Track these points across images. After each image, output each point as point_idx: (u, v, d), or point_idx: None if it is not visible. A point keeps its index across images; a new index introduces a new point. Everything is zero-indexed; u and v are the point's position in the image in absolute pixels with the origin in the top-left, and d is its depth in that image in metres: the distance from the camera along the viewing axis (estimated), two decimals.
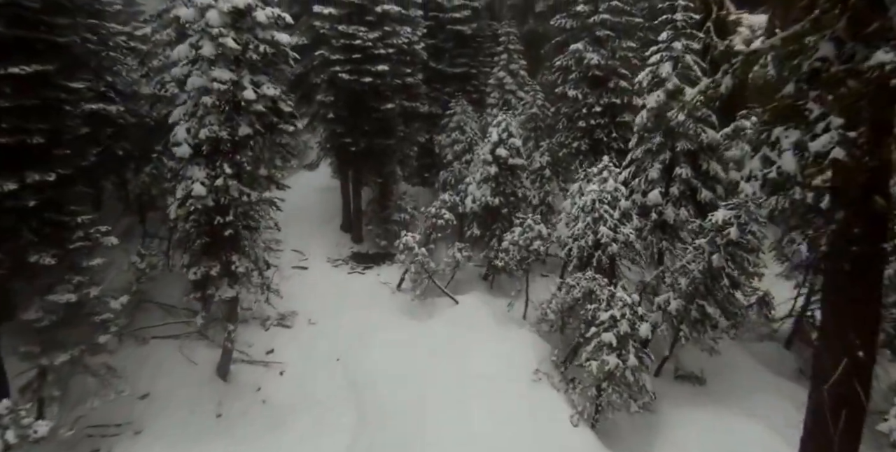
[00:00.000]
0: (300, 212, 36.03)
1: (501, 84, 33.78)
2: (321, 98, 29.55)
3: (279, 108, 17.00)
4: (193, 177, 16.44)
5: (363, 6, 28.72)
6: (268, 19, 16.20)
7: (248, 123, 16.58)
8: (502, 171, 24.86)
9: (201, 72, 16.20)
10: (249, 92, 16.09)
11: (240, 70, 16.42)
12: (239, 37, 16.04)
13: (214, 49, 15.65)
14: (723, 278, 16.49)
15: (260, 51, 16.23)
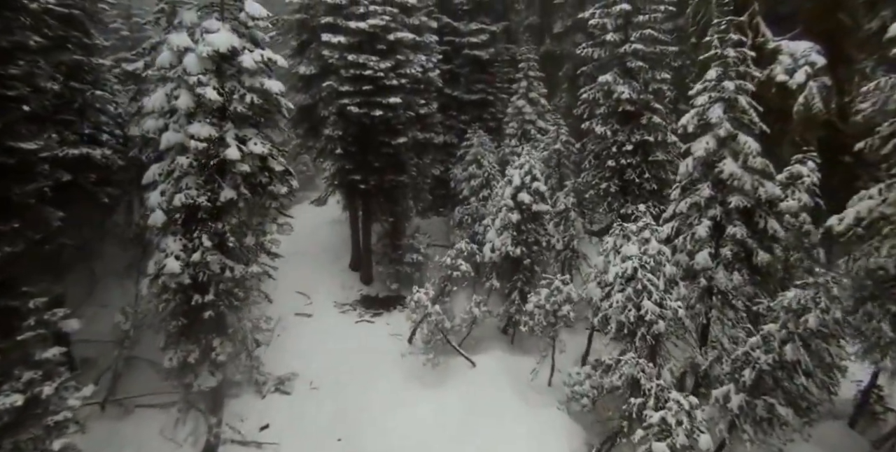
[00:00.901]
0: (307, 248, 33.13)
1: (520, 113, 30.68)
2: (329, 132, 26.62)
3: (270, 167, 14.05)
4: (167, 250, 13.51)
5: (374, 34, 25.80)
6: (256, 64, 13.27)
7: (232, 186, 13.64)
8: (525, 219, 21.75)
9: (178, 125, 13.30)
10: (233, 150, 13.14)
11: (223, 123, 13.49)
12: (222, 85, 13.11)
13: (192, 100, 12.75)
14: (798, 374, 13.30)
15: (247, 101, 13.30)
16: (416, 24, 29.58)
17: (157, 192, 13.47)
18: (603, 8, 23.75)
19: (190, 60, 12.66)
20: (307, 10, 27.61)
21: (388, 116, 26.16)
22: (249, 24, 13.62)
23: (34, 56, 19.09)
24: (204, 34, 12.93)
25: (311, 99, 28.03)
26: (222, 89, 13.10)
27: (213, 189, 13.38)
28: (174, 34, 13.04)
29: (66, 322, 13.72)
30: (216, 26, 13.04)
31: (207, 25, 13.09)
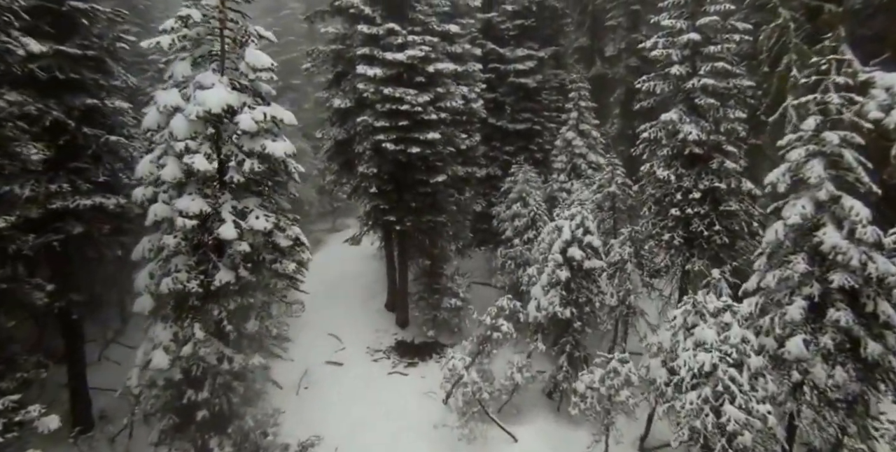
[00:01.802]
0: (341, 284, 30.75)
1: (570, 146, 27.54)
2: (363, 169, 24.11)
3: (275, 243, 11.51)
4: (155, 340, 11.10)
5: (413, 66, 23.23)
6: (257, 125, 10.77)
7: (229, 266, 11.16)
8: (575, 276, 18.67)
9: (168, 196, 10.91)
10: (229, 228, 10.66)
11: (218, 194, 11.04)
12: (217, 150, 10.65)
13: (180, 170, 10.33)
14: None
15: (245, 169, 10.80)
16: (459, 52, 26.90)
17: (144, 273, 11.15)
18: (667, 36, 20.47)
19: (178, 123, 10.33)
20: (344, 40, 25.27)
21: (426, 153, 23.52)
22: (251, 76, 11.19)
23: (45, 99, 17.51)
24: (197, 90, 10.58)
25: (346, 133, 25.61)
26: (217, 155, 10.69)
27: (206, 270, 10.96)
28: (162, 91, 10.75)
29: (47, 419, 11.40)
30: (211, 80, 10.67)
31: (201, 79, 10.75)
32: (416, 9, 23.93)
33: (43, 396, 18.67)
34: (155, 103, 10.84)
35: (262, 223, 11.07)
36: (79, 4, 17.09)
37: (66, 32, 17.73)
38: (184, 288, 10.70)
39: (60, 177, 17.62)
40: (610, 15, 39.27)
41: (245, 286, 11.51)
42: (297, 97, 43.40)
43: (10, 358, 11.60)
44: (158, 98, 10.80)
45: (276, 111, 11.26)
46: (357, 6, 23.71)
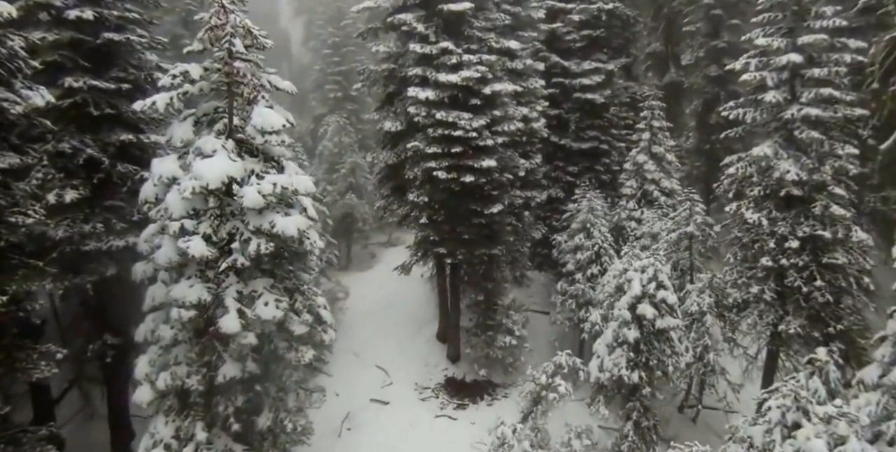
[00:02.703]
0: (390, 310, 28.99)
1: (640, 170, 24.58)
2: (413, 198, 22.11)
3: (288, 330, 9.66)
4: (156, 436, 9.51)
5: (468, 87, 20.98)
6: (263, 200, 8.91)
7: (236, 358, 9.39)
8: (646, 336, 16.02)
9: (168, 277, 9.23)
10: (231, 320, 8.91)
11: (221, 277, 9.28)
12: (218, 228, 8.85)
13: (176, 253, 8.61)
14: None
15: (251, 251, 8.97)
16: (520, 68, 24.48)
17: (144, 361, 9.59)
18: (760, 56, 17.30)
19: (172, 200, 8.68)
20: (396, 59, 23.29)
21: (481, 182, 21.28)
22: (258, 140, 9.36)
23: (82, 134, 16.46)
24: (197, 158, 8.86)
25: (396, 157, 23.66)
26: (219, 234, 8.94)
27: (210, 362, 9.28)
28: (158, 160, 9.12)
29: None
30: (212, 146, 8.94)
31: (202, 145, 9.03)
32: (474, 25, 21.64)
33: None
34: (151, 172, 9.23)
35: (271, 311, 9.30)
36: (113, 36, 15.85)
37: (103, 65, 16.60)
38: (182, 384, 9.10)
39: (96, 215, 16.55)
40: (687, 19, 35.55)
41: (254, 378, 9.80)
42: (357, 107, 42.00)
43: (12, 437, 10.39)
44: (154, 167, 9.20)
45: (291, 179, 9.40)
46: (410, 24, 21.66)
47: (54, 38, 15.50)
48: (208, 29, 8.95)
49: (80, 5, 15.58)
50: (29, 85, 11.73)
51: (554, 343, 23.65)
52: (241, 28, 9.01)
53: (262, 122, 9.14)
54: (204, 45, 9.24)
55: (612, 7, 27.61)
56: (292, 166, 9.57)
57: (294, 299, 9.80)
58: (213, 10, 8.98)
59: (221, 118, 9.71)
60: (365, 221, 33.88)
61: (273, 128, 9.18)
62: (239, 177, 8.97)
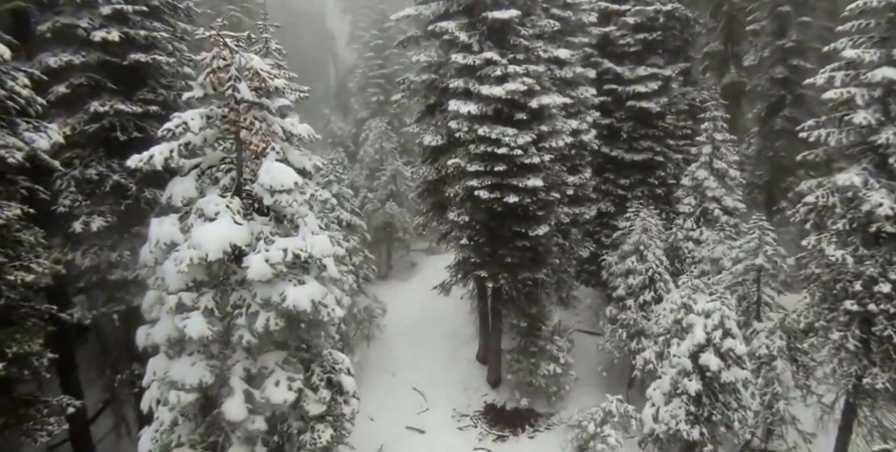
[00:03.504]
0: (429, 323, 27.67)
1: (700, 186, 22.36)
2: (453, 217, 20.64)
3: (303, 409, 8.38)
4: None
5: (513, 101, 19.30)
6: (272, 270, 7.61)
7: (244, 439, 8.17)
8: (709, 388, 14.14)
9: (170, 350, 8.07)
10: (236, 404, 7.77)
11: (226, 353, 8.05)
12: (221, 301, 7.62)
13: (174, 331, 7.43)
14: None
15: (258, 327, 7.70)
16: (569, 77, 22.60)
17: (147, 437, 8.50)
18: (847, 70, 14.97)
19: (168, 271, 7.49)
20: (437, 69, 21.77)
21: (526, 202, 19.62)
22: (267, 200, 8.05)
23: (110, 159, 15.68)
24: (198, 220, 7.65)
25: (436, 172, 22.23)
26: (223, 306, 7.72)
27: (217, 444, 8.11)
28: (157, 220, 7.96)
29: None
30: (215, 208, 7.71)
31: (204, 206, 7.81)
32: (520, 33, 19.86)
33: None
34: (149, 235, 8.11)
35: (282, 393, 8.03)
36: (140, 57, 14.92)
37: (131, 86, 15.72)
38: None
39: (123, 242, 15.77)
40: (751, 17, 32.62)
41: None
42: (399, 112, 40.69)
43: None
44: (152, 230, 8.06)
45: (305, 242, 8.07)
46: (452, 32, 20.08)
47: (81, 61, 14.68)
48: (210, 72, 7.72)
49: (106, 25, 14.69)
50: (37, 124, 10.83)
51: (602, 373, 21.87)
52: (248, 70, 7.72)
53: (270, 180, 7.84)
54: (206, 91, 8.03)
55: (670, 8, 25.26)
56: (310, 224, 8.24)
57: (311, 371, 8.55)
58: (214, 50, 7.71)
59: (229, 170, 8.48)
60: (405, 230, 32.64)
61: (283, 186, 7.86)
62: (244, 243, 7.72)
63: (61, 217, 15.15)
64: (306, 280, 8.21)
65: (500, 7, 19.73)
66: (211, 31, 7.69)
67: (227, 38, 7.70)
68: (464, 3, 20.53)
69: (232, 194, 8.20)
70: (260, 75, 7.66)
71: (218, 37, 7.66)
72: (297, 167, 8.62)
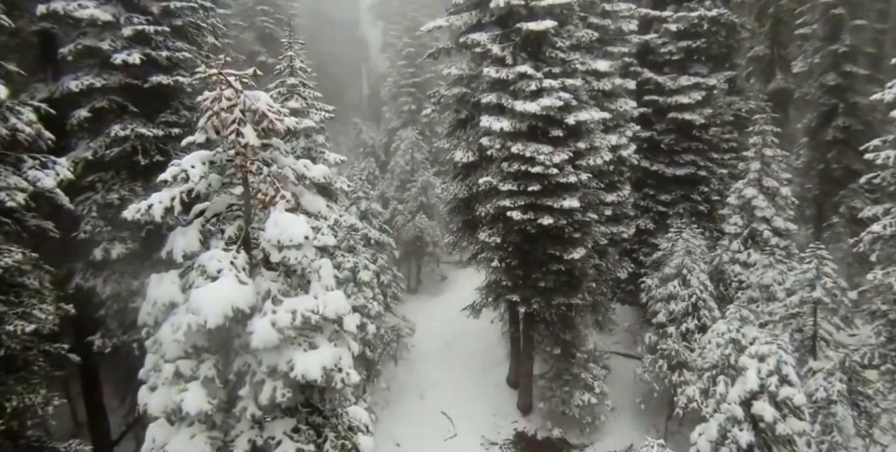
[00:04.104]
0: (458, 342, 26.62)
1: (748, 205, 20.84)
2: (484, 237, 19.65)
3: None
4: None
5: (549, 117, 18.23)
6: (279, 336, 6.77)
7: None
8: (762, 440, 12.82)
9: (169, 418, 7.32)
10: None
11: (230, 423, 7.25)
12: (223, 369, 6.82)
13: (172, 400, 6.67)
14: None
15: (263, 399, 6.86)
16: (608, 89, 21.39)
17: None
18: None
19: (166, 338, 6.72)
20: (468, 82, 20.82)
21: (562, 224, 18.50)
22: (274, 257, 7.22)
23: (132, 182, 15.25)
24: (199, 278, 6.90)
25: (467, 190, 21.27)
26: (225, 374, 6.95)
27: None
28: (157, 276, 7.24)
29: None
30: (218, 264, 6.91)
31: (206, 262, 7.01)
32: (556, 44, 18.75)
33: None
34: (146, 293, 7.41)
35: None
36: (162, 79, 14.38)
37: (154, 108, 15.25)
38: None
39: (145, 269, 15.26)
40: (800, 21, 30.76)
41: None
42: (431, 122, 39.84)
43: None
44: (150, 289, 7.34)
45: (318, 301, 7.22)
46: (484, 44, 19.13)
47: (102, 84, 14.24)
48: (211, 115, 6.97)
49: (128, 47, 14.20)
50: (45, 159, 10.31)
51: (640, 405, 20.56)
52: (253, 113, 6.93)
53: (277, 235, 7.01)
54: (208, 135, 7.30)
55: (715, 14, 23.76)
56: (324, 277, 7.37)
57: (324, 437, 7.72)
58: (216, 91, 6.94)
59: (236, 217, 7.72)
60: (435, 244, 31.74)
61: (292, 241, 7.00)
62: (248, 305, 6.93)
63: (82, 243, 14.80)
64: (318, 342, 7.35)
65: (535, 17, 18.67)
66: (212, 69, 6.92)
67: (230, 77, 6.93)
68: (497, 13, 19.46)
69: (238, 246, 7.42)
70: (267, 117, 6.86)
71: (220, 75, 6.90)
72: (312, 212, 7.82)
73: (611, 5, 21.89)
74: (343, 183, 15.47)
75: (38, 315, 9.23)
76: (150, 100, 15.15)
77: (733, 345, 15.22)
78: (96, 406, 17.78)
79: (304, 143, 15.33)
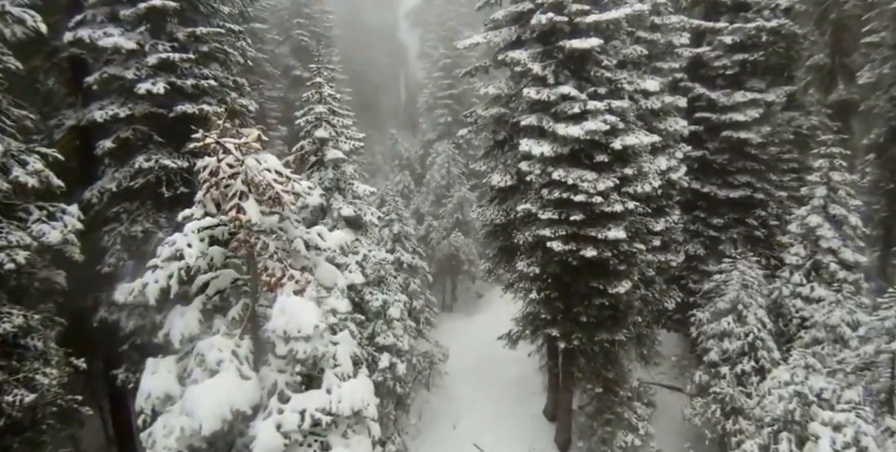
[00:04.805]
0: (492, 368, 25.49)
1: (812, 235, 19.09)
2: (522, 267, 18.53)
3: None
4: None
5: (594, 141, 17.02)
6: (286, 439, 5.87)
7: None
8: None
9: None
10: None
11: None
12: None
13: None
14: None
15: None
16: (656, 107, 20.00)
17: None
18: None
19: (157, 435, 5.92)
20: (507, 102, 19.77)
21: (606, 256, 17.24)
22: (280, 348, 6.30)
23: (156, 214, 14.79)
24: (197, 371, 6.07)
25: (504, 215, 20.20)
26: None
27: None
28: (152, 362, 6.46)
29: None
30: (218, 355, 6.08)
31: (206, 351, 6.12)
32: (602, 63, 17.52)
33: None
34: (140, 388, 6.64)
35: None
36: (186, 108, 13.82)
37: (179, 137, 14.73)
38: None
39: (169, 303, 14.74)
40: (867, 28, 28.47)
41: None
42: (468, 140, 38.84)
43: None
44: (144, 380, 6.58)
45: (331, 397, 6.31)
46: (524, 63, 18.04)
47: (127, 115, 13.79)
48: (210, 188, 6.16)
49: (153, 76, 13.70)
50: (53, 209, 9.77)
51: (688, 451, 19.07)
52: (255, 186, 6.07)
53: (284, 324, 6.10)
54: (206, 209, 6.50)
55: (775, 25, 22.02)
56: (342, 362, 6.44)
57: None
58: (213, 160, 6.10)
59: (242, 293, 6.90)
60: (471, 262, 30.72)
61: (301, 332, 6.08)
62: (251, 405, 6.06)
63: (107, 276, 14.43)
64: (332, 441, 6.46)
65: (580, 34, 17.50)
66: (208, 136, 6.08)
67: (230, 143, 6.10)
68: (538, 29, 18.31)
69: (243, 329, 6.60)
70: (272, 187, 6.01)
71: (217, 144, 6.06)
72: (328, 285, 6.94)
73: (660, 18, 20.48)
74: (373, 215, 14.64)
75: (41, 380, 8.65)
76: (176, 128, 14.62)
77: (799, 399, 13.72)
78: (124, 429, 17.60)
79: (332, 174, 14.55)
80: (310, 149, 14.36)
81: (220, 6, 15.18)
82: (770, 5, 21.90)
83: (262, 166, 6.22)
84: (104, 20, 13.58)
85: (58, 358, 9.26)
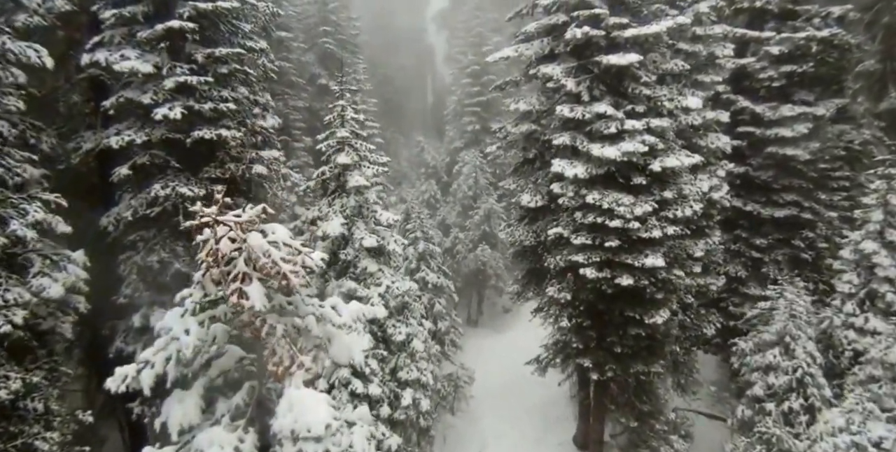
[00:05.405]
0: (518, 390, 24.58)
1: (867, 261, 17.70)
2: (552, 293, 17.60)
3: None
4: None
5: (632, 163, 16.03)
6: None
7: None
8: None
9: None
10: None
11: None
12: None
13: None
14: None
15: None
16: (697, 123, 18.83)
17: None
18: None
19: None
20: (538, 118, 18.82)
21: (642, 284, 16.23)
22: (287, 449, 5.57)
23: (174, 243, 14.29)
24: None
25: (535, 236, 19.24)
26: None
27: None
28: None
29: None
30: None
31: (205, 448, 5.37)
32: (641, 79, 16.51)
33: None
34: None
35: None
36: (204, 134, 13.27)
37: (196, 163, 14.22)
38: None
39: None
40: None
41: None
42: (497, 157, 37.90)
43: None
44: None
45: None
46: (557, 78, 17.09)
47: (143, 140, 13.30)
48: (209, 268, 5.49)
49: (170, 100, 13.18)
50: (57, 257, 9.25)
51: None
52: (261, 270, 5.36)
53: (291, 423, 5.34)
54: (206, 290, 5.83)
55: (827, 34, 20.61)
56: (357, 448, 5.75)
57: None
58: (211, 240, 5.40)
59: (248, 376, 6.22)
60: (499, 276, 29.81)
61: (310, 432, 5.33)
62: None
63: (123, 306, 14.01)
64: None
65: (617, 49, 16.54)
66: (204, 214, 5.38)
67: (231, 221, 5.40)
68: (572, 43, 17.28)
69: (247, 421, 5.91)
70: (277, 264, 5.30)
71: (216, 222, 5.37)
72: (343, 363, 6.22)
73: (703, 28, 19.28)
74: (397, 243, 13.92)
75: (40, 446, 8.12)
76: (194, 153, 14.11)
77: (856, 450, 12.56)
78: None
79: (355, 201, 13.86)
80: (331, 174, 13.69)
81: (242, 24, 14.57)
82: (821, 13, 20.51)
83: (268, 239, 5.52)
84: (122, 41, 13.09)
85: (60, 419, 8.73)
